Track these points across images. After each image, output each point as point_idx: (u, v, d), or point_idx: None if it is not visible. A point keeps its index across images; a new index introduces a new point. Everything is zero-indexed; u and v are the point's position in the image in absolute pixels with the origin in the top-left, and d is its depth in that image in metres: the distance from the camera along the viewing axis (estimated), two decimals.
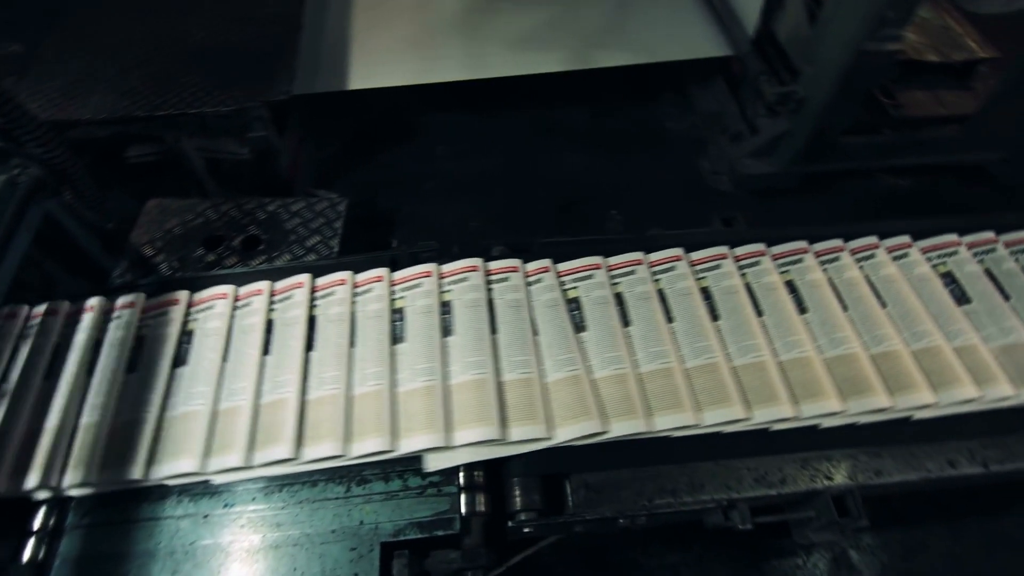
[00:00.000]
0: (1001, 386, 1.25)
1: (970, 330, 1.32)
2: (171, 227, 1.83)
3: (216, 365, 1.27)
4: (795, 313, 1.34)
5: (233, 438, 1.17)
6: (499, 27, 2.69)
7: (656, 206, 2.42)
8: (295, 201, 1.88)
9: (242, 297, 1.40)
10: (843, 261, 1.44)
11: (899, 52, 1.92)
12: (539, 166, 2.60)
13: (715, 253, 1.45)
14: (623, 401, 1.20)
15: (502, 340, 1.28)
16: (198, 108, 1.88)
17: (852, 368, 1.26)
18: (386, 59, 2.52)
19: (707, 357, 1.26)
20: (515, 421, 1.16)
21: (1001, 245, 1.48)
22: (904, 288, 1.39)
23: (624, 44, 2.62)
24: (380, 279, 1.39)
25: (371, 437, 1.14)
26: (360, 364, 1.25)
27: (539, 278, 1.39)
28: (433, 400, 1.18)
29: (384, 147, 2.67)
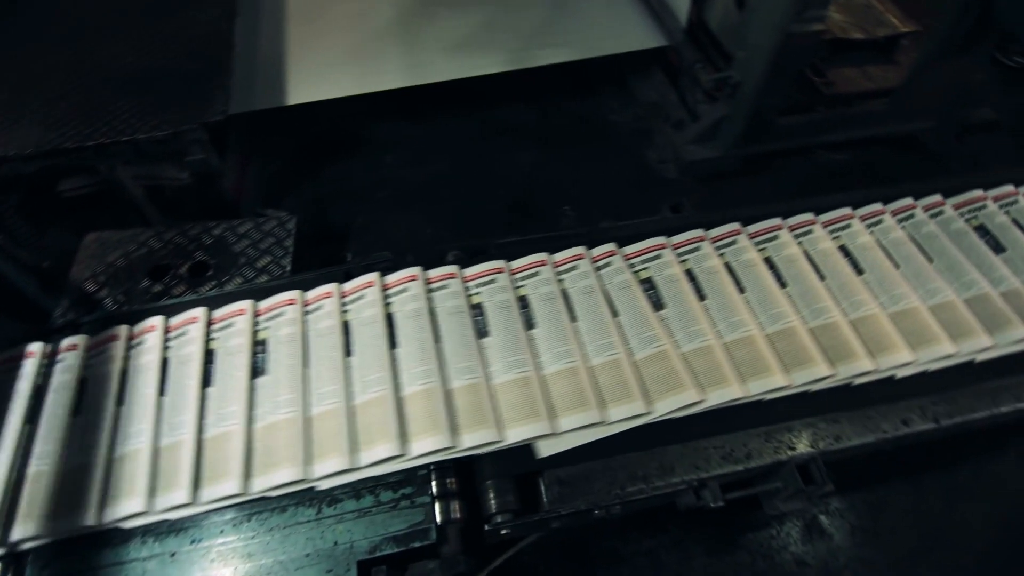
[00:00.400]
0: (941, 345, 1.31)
1: (911, 293, 1.39)
2: (113, 260, 1.76)
3: (154, 400, 1.24)
4: (736, 293, 1.39)
5: (177, 475, 1.13)
6: (437, 32, 2.68)
7: (607, 198, 2.45)
8: (242, 223, 1.84)
9: (177, 326, 1.36)
10: (783, 239, 1.49)
11: (824, 32, 1.99)
12: (490, 167, 2.60)
13: (653, 244, 1.48)
14: (576, 395, 1.22)
15: (446, 347, 1.28)
16: (131, 135, 1.81)
17: (793, 342, 1.30)
18: (325, 71, 2.48)
19: (656, 345, 1.29)
20: (466, 427, 1.17)
21: (920, 209, 1.57)
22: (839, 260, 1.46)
23: (562, 41, 2.64)
24: (330, 295, 1.37)
25: (333, 456, 1.13)
26: (316, 383, 1.23)
27: (492, 279, 1.40)
28: (387, 410, 1.17)
29: (331, 160, 2.63)
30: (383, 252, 1.50)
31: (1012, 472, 1.70)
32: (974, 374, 1.33)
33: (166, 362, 1.30)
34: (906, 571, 1.54)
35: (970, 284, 1.41)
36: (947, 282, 1.41)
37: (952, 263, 1.44)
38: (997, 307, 1.37)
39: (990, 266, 1.45)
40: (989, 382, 1.33)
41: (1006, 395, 1.33)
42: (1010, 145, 2.62)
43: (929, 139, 2.56)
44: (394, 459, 1.13)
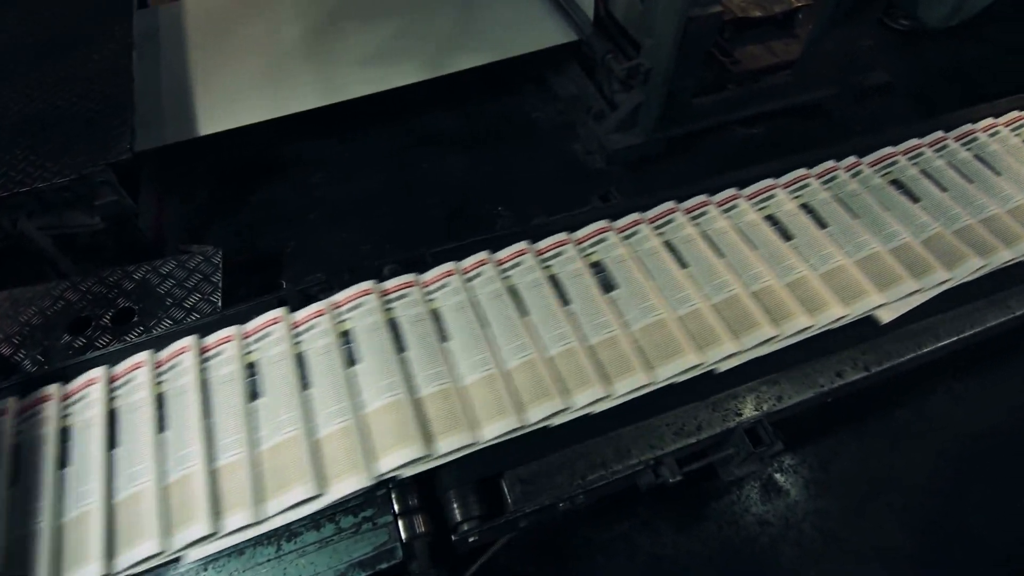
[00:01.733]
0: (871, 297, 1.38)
1: (838, 252, 1.46)
2: (28, 318, 1.65)
3: (100, 459, 1.17)
4: (678, 270, 1.43)
5: (131, 529, 1.08)
6: (348, 47, 2.64)
7: (540, 195, 2.47)
8: (165, 262, 1.75)
9: (121, 375, 1.29)
10: (711, 214, 1.55)
11: (723, 13, 2.07)
12: (421, 177, 2.58)
13: (596, 228, 1.51)
14: (537, 386, 1.22)
15: (412, 356, 1.27)
16: (31, 184, 1.71)
17: (736, 309, 1.36)
18: (236, 97, 2.41)
19: (607, 331, 1.31)
20: (441, 433, 1.16)
21: (842, 171, 1.65)
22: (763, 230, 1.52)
23: (476, 45, 2.65)
24: (272, 322, 1.33)
25: (292, 488, 1.09)
26: (266, 416, 1.19)
27: (443, 283, 1.39)
28: (350, 436, 1.15)
29: (256, 187, 2.55)
30: (317, 274, 1.47)
31: (944, 407, 1.82)
32: (898, 321, 1.41)
33: (114, 413, 1.23)
34: (861, 514, 1.62)
35: (892, 235, 1.49)
36: (872, 235, 1.49)
37: (875, 218, 1.53)
38: (919, 254, 1.46)
39: (910, 216, 1.54)
40: (910, 326, 1.41)
41: (926, 336, 1.42)
42: (903, 105, 2.79)
43: (832, 105, 2.71)
44: (358, 492, 1.11)
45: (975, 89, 2.86)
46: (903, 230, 1.50)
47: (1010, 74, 2.92)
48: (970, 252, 1.46)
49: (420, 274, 1.42)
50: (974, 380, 1.85)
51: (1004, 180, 1.63)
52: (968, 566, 1.55)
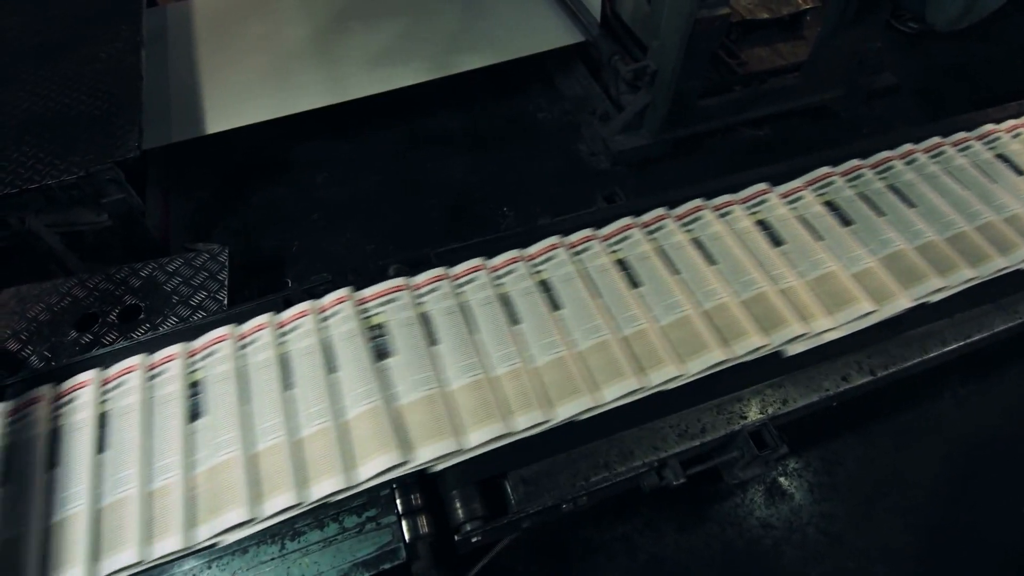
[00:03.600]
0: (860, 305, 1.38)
1: (832, 259, 1.46)
2: (35, 315, 1.66)
3: (90, 459, 1.18)
4: (706, 265, 1.45)
5: (122, 535, 1.08)
6: (354, 47, 2.65)
7: (545, 196, 2.47)
8: (171, 260, 1.76)
9: (113, 378, 1.30)
10: (707, 218, 1.55)
11: (731, 15, 2.06)
12: (425, 177, 2.59)
13: (584, 235, 1.52)
14: (523, 396, 1.23)
15: (399, 360, 1.27)
16: (39, 181, 1.71)
17: (725, 317, 1.36)
18: (242, 97, 2.41)
19: (598, 335, 1.32)
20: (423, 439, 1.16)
21: (838, 176, 1.65)
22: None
23: (482, 45, 2.65)
24: (264, 326, 1.34)
25: (280, 493, 1.10)
26: (258, 419, 1.20)
27: (434, 287, 1.40)
28: (330, 440, 1.16)
29: (261, 186, 2.56)
30: (323, 274, 1.47)
31: (949, 410, 1.81)
32: (901, 325, 1.40)
33: (104, 416, 1.23)
34: (865, 517, 1.61)
35: (886, 243, 1.49)
36: (863, 244, 1.49)
37: (871, 225, 1.53)
38: (913, 261, 1.45)
39: (906, 222, 1.54)
40: (916, 330, 1.41)
41: (932, 341, 1.41)
42: (911, 105, 2.78)
43: (840, 107, 2.70)
44: (337, 492, 1.12)
45: (982, 90, 2.85)
46: (897, 237, 1.50)
47: (1018, 73, 2.91)
48: (962, 261, 1.46)
49: (449, 268, 1.44)
50: (980, 384, 1.84)
51: (1000, 188, 1.63)
52: (974, 567, 1.54)
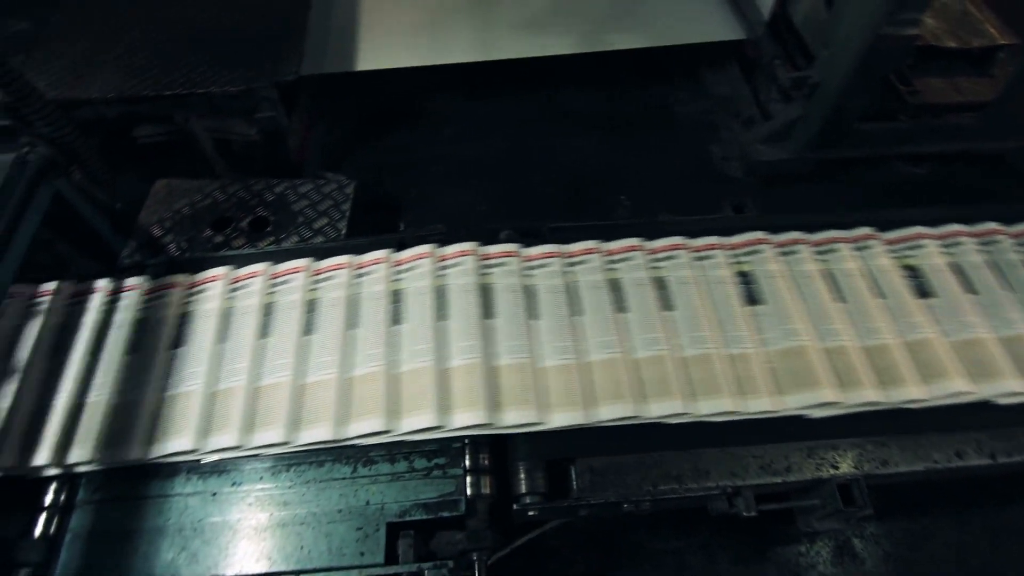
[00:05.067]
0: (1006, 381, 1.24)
1: (981, 322, 1.32)
2: (180, 208, 1.83)
3: (211, 347, 1.28)
4: (832, 300, 1.35)
5: (228, 421, 1.18)
6: (510, 9, 2.66)
7: (665, 192, 2.39)
8: (303, 183, 1.88)
9: (242, 278, 1.40)
10: (844, 252, 1.44)
11: (917, 37, 1.88)
12: (548, 149, 2.58)
13: (708, 243, 1.45)
14: (614, 386, 1.21)
15: (500, 324, 1.29)
16: (206, 88, 1.87)
17: (843, 360, 1.26)
18: (396, 40, 2.50)
19: (702, 347, 1.27)
20: (509, 405, 1.17)
21: (1007, 237, 1.48)
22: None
23: (636, 27, 2.58)
24: (381, 261, 1.39)
25: (369, 417, 1.16)
26: (362, 346, 1.26)
27: (543, 263, 1.39)
28: (427, 381, 1.19)
29: (393, 129, 2.65)
30: (437, 224, 1.51)
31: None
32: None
33: (228, 311, 1.34)
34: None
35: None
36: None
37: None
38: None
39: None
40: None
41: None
42: None
43: (1020, 160, 2.40)
44: (430, 430, 1.15)
45: None
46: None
47: None
48: None
49: (561, 244, 1.43)
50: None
51: None
52: None
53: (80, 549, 1.13)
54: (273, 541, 1.10)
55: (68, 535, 1.14)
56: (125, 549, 1.11)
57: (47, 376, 1.26)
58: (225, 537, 1.11)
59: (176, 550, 1.10)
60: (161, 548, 1.10)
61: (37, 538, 1.14)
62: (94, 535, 1.14)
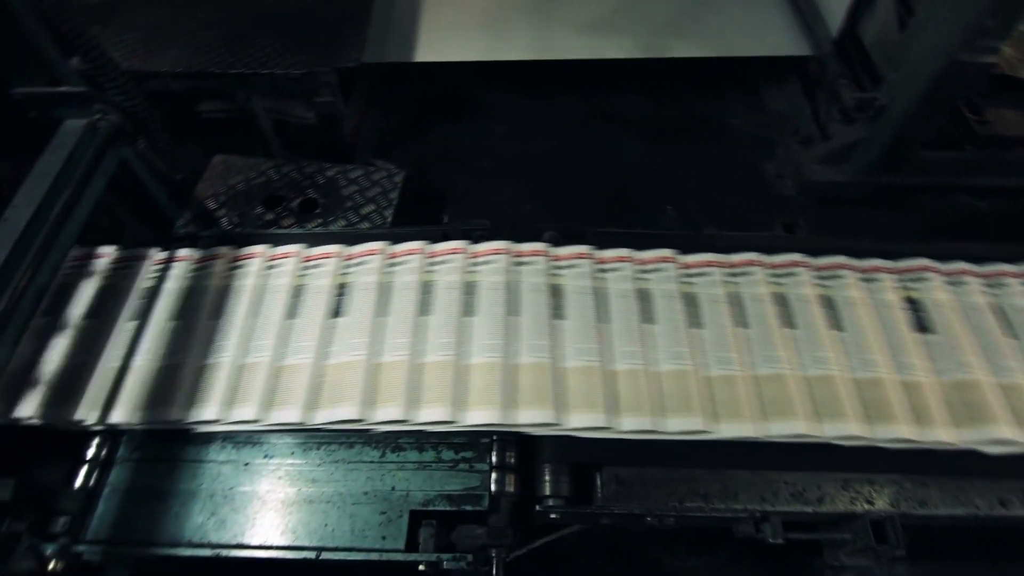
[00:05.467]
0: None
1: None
2: (234, 183, 1.88)
3: (243, 321, 1.32)
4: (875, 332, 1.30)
5: (249, 394, 1.21)
6: (569, 9, 2.65)
7: (713, 205, 2.35)
8: (354, 168, 1.91)
9: (277, 258, 1.44)
10: (888, 283, 1.39)
11: (994, 65, 1.80)
12: (596, 153, 2.56)
13: (747, 259, 1.41)
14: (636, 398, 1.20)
15: (524, 323, 1.29)
16: (269, 69, 1.92)
17: (876, 393, 1.22)
18: (454, 34, 2.52)
19: (727, 368, 1.24)
20: (526, 405, 1.17)
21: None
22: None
23: (697, 35, 2.54)
24: (417, 251, 1.41)
25: (390, 405, 1.17)
26: (390, 334, 1.27)
27: (573, 263, 1.39)
28: (447, 374, 1.21)
29: (444, 121, 2.68)
30: (483, 220, 1.52)
31: None
32: None
33: (261, 288, 1.37)
34: None
35: None
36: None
37: None
38: None
39: None
40: None
41: None
42: None
43: None
44: (446, 423, 1.16)
45: None
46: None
47: None
48: None
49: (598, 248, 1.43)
50: None
51: None
52: None
53: (116, 503, 1.17)
54: (299, 516, 1.12)
55: (106, 489, 1.19)
56: (158, 508, 1.15)
57: (96, 335, 1.32)
58: (253, 507, 1.14)
59: (206, 515, 1.13)
60: (192, 511, 1.14)
61: (77, 489, 1.18)
62: (130, 492, 1.18)
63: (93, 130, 1.33)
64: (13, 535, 1.19)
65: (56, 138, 1.32)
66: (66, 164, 1.27)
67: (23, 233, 1.15)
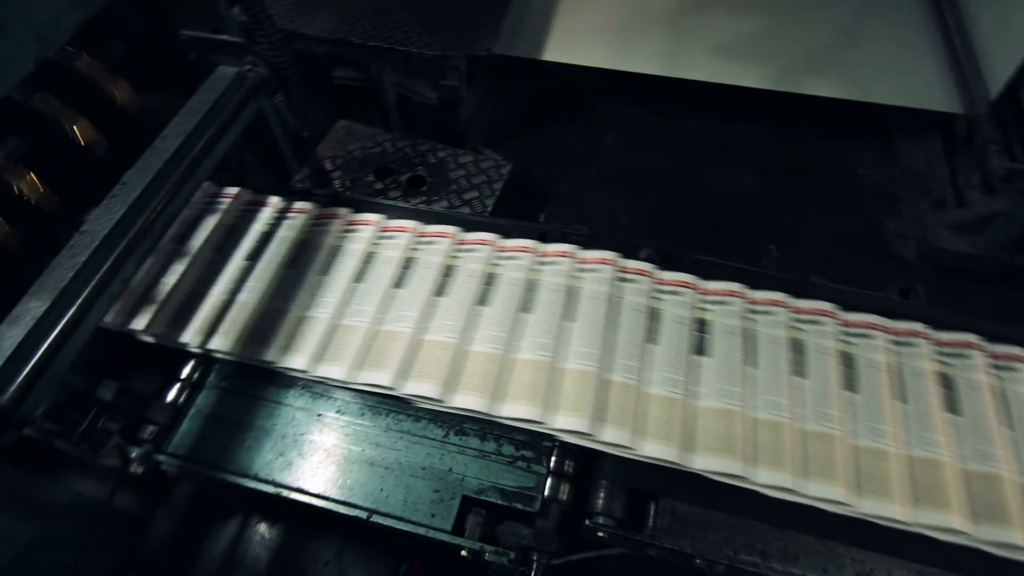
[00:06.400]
0: None
1: None
2: (352, 149, 1.97)
3: (349, 282, 1.37)
4: (999, 424, 1.19)
5: (341, 353, 1.26)
6: (706, 29, 2.58)
7: (820, 253, 2.24)
8: (465, 153, 1.95)
9: (391, 229, 1.48)
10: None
11: None
12: (705, 178, 2.49)
13: (867, 320, 1.32)
14: (724, 439, 1.15)
15: (620, 339, 1.26)
16: (405, 46, 1.99)
17: (991, 489, 1.11)
18: (585, 38, 2.51)
19: (826, 425, 1.16)
20: (610, 422, 1.15)
21: None
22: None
23: (836, 74, 2.41)
24: (526, 249, 1.41)
25: (473, 393, 1.19)
26: (486, 324, 1.29)
27: (676, 290, 1.35)
28: (538, 374, 1.20)
29: (557, 122, 2.69)
30: (582, 226, 1.51)
31: None
32: None
33: (371, 256, 1.43)
34: None
35: None
36: None
37: None
38: None
39: None
40: None
41: None
42: None
43: None
44: (527, 422, 1.16)
45: None
46: None
47: None
48: None
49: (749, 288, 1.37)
50: None
51: None
52: None
53: (198, 424, 1.26)
54: (358, 475, 1.16)
55: (192, 409, 1.28)
56: (234, 437, 1.23)
57: (210, 267, 1.42)
58: (318, 456, 1.19)
59: (275, 454, 1.20)
60: (264, 447, 1.21)
61: (168, 403, 1.28)
62: (212, 417, 1.26)
63: (242, 79, 1.42)
64: (107, 432, 1.31)
65: (208, 81, 1.42)
66: (213, 106, 1.37)
67: (167, 162, 1.26)
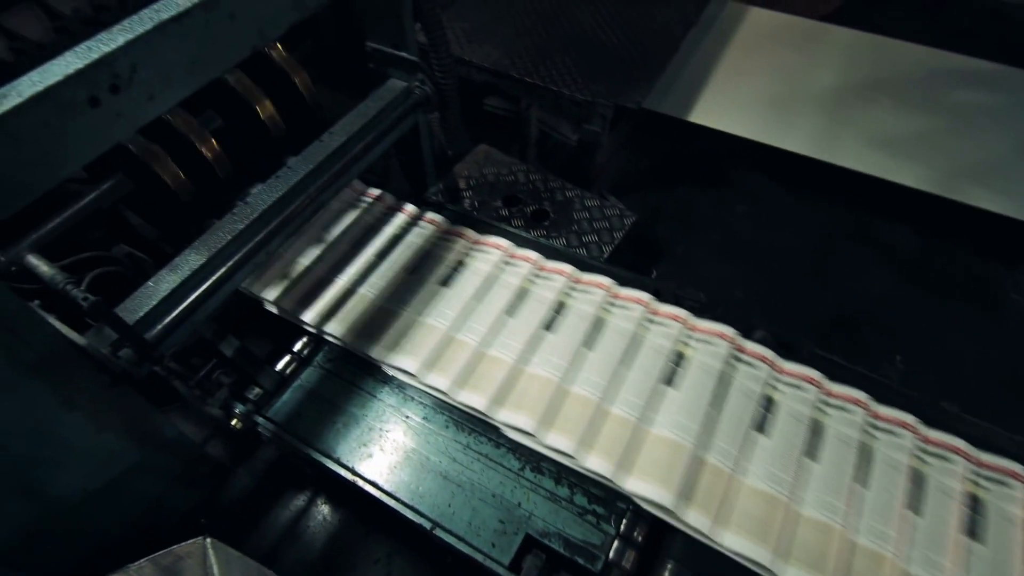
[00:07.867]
0: None
1: None
2: (487, 173, 2.06)
3: (467, 300, 1.42)
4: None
5: (448, 366, 1.29)
6: (866, 119, 2.47)
7: (952, 376, 2.04)
8: (592, 197, 1.98)
9: (516, 257, 1.52)
10: None
11: None
12: (836, 268, 2.36)
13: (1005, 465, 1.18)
14: (817, 552, 1.06)
15: (723, 420, 1.21)
16: (559, 87, 2.06)
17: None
18: (735, 106, 2.48)
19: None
20: (695, 504, 1.10)
21: None
22: None
23: (1006, 189, 2.22)
24: (641, 302, 1.40)
25: (565, 436, 1.18)
26: (587, 367, 1.28)
27: (797, 384, 1.28)
28: (626, 433, 1.18)
29: (687, 183, 2.66)
30: (700, 293, 1.48)
31: None
32: None
33: (492, 278, 1.47)
34: None
35: None
36: None
37: None
38: None
39: None
40: None
41: None
42: None
43: None
44: (603, 478, 1.14)
45: None
46: None
47: None
48: None
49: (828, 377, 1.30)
50: None
51: None
52: None
53: (298, 397, 1.34)
54: (430, 485, 1.19)
55: (296, 381, 1.37)
56: (326, 418, 1.30)
57: (342, 258, 1.52)
58: (398, 456, 1.23)
59: (359, 443, 1.25)
60: (351, 434, 1.27)
61: (277, 371, 1.38)
62: (313, 393, 1.35)
63: (409, 93, 1.54)
64: (219, 384, 1.43)
65: (380, 90, 1.55)
66: (379, 114, 1.49)
67: (329, 156, 1.38)
